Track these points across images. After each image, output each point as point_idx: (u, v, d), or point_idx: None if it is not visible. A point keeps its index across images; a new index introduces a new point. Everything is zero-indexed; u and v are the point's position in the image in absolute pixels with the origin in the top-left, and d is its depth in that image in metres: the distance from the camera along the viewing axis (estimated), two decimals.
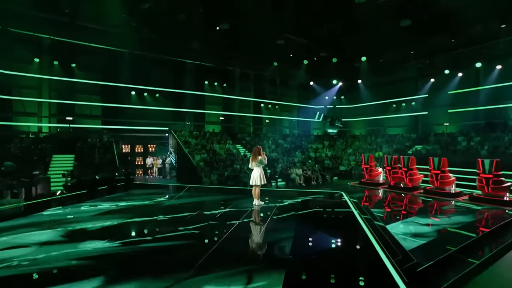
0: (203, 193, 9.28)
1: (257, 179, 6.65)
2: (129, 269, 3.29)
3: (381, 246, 4.26)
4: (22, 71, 14.38)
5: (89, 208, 6.65)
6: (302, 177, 14.68)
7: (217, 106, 21.51)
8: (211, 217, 5.80)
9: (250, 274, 3.18)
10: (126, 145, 17.49)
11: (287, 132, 23.67)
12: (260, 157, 6.72)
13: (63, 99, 15.68)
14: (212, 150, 15.91)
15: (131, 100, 17.70)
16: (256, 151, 6.84)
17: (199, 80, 19.99)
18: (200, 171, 13.14)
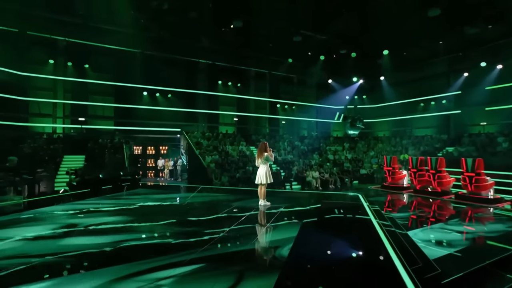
0: (211, 193, 9.21)
1: (263, 177, 6.42)
2: (106, 265, 3.23)
3: (396, 251, 3.79)
4: (38, 73, 14.97)
5: (81, 206, 6.71)
6: (318, 180, 14.27)
7: (231, 107, 21.44)
8: (211, 216, 5.63)
9: (240, 276, 3.02)
10: (137, 147, 17.73)
11: (305, 134, 23.24)
12: (266, 154, 6.51)
13: (77, 100, 16.16)
14: (225, 151, 15.85)
15: (143, 101, 17.95)
16: (262, 147, 6.64)
17: (212, 80, 20.02)
18: (211, 173, 13.10)
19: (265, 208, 6.24)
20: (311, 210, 6.50)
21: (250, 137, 18.76)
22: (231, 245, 3.92)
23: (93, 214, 5.85)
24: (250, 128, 21.23)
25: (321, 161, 16.84)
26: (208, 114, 20.00)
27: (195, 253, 3.53)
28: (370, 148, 19.81)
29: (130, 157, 15.01)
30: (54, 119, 15.96)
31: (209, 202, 7.76)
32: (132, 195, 8.43)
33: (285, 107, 22.85)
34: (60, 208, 6.58)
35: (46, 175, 9.07)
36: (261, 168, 6.50)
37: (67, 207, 6.73)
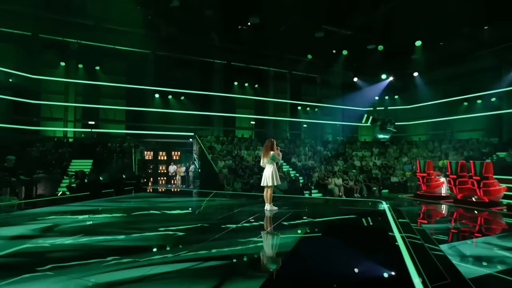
0: (217, 198, 9.13)
1: (269, 178, 6.12)
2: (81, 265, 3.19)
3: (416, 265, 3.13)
4: (49, 76, 15.59)
5: (70, 208, 6.77)
6: (342, 188, 13.57)
7: (249, 110, 21.24)
8: (206, 220, 5.42)
9: (222, 280, 2.81)
10: (148, 152, 17.92)
11: (329, 138, 22.56)
12: (273, 153, 6.19)
13: (88, 103, 16.67)
14: (239, 156, 15.66)
15: (154, 104, 18.14)
16: (268, 145, 6.33)
17: (228, 81, 19.93)
18: (223, 178, 12.92)
19: (271, 213, 5.92)
20: (321, 217, 6.07)
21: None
22: (220, 250, 3.64)
23: (71, 216, 5.92)
24: (268, 132, 20.77)
25: (346, 167, 16.19)
26: (224, 117, 19.90)
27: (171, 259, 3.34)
28: (402, 153, 18.68)
29: (139, 162, 15.02)
30: (65, 123, 16.52)
31: (209, 206, 7.49)
32: (128, 199, 8.34)
33: (307, 110, 22.37)
34: (45, 210, 6.61)
35: (44, 177, 9.13)
36: (267, 169, 6.21)
37: (53, 209, 6.74)
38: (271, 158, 6.19)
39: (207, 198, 8.86)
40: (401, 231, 4.68)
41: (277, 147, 6.38)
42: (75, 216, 5.84)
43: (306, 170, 15.28)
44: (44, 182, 9.12)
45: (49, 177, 9.38)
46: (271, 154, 6.18)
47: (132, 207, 6.99)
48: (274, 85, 21.60)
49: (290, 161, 16.34)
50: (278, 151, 6.37)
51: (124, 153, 14.66)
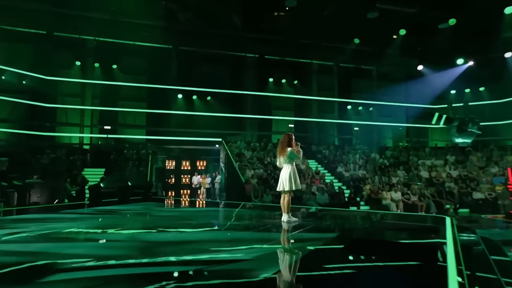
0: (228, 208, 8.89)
1: (286, 182, 5.70)
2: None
3: None
4: (64, 77, 16.25)
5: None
6: (401, 204, 12.03)
7: (287, 112, 20.55)
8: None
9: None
10: (170, 161, 17.80)
11: (389, 144, 20.91)
12: (290, 149, 5.76)
13: (105, 106, 17.16)
14: (272, 164, 14.84)
15: (177, 105, 18.17)
16: (284, 140, 5.94)
17: (262, 78, 19.56)
18: (250, 189, 12.42)
19: (289, 226, 5.43)
20: (349, 231, 5.63)
21: (310, 148, 17.29)
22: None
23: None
24: (312, 137, 19.95)
25: (409, 179, 14.64)
26: (258, 120, 19.39)
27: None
28: (491, 162, 16.17)
29: (157, 170, 14.99)
30: (82, 128, 17.02)
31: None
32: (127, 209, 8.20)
33: (359, 109, 21.02)
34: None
35: (39, 183, 9.14)
36: (284, 170, 5.80)
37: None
38: (288, 157, 5.76)
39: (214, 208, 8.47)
40: (460, 261, 3.22)
41: (296, 143, 6.00)
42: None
43: (355, 182, 14.19)
44: (39, 188, 9.11)
45: (44, 183, 9.38)
46: (288, 151, 5.76)
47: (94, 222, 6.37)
48: (317, 81, 20.79)
49: (335, 170, 15.34)
50: (298, 147, 5.98)
51: (141, 161, 14.72)
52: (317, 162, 16.38)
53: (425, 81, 20.30)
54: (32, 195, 8.79)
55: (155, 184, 14.50)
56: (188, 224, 5.96)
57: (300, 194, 12.09)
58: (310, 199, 11.99)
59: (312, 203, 11.62)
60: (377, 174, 14.84)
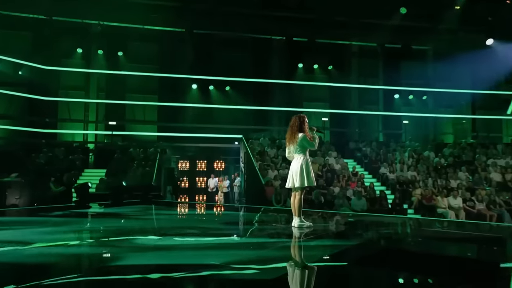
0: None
1: (297, 176, 5.37)
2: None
3: None
4: (66, 67, 16.45)
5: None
6: (462, 212, 11.28)
7: (321, 103, 19.78)
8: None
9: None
10: (184, 161, 17.50)
11: (448, 140, 19.56)
12: (302, 135, 5.40)
13: (112, 99, 17.14)
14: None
15: (190, 97, 17.86)
16: (294, 123, 5.55)
17: (290, 64, 18.93)
18: (271, 193, 11.98)
19: (300, 233, 5.23)
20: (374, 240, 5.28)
21: (347, 145, 16.87)
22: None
23: None
24: (351, 132, 19.28)
25: (474, 182, 13.53)
26: (286, 113, 18.28)
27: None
28: None
29: (166, 171, 14.54)
30: (86, 124, 17.08)
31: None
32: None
33: (409, 99, 19.78)
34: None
35: (17, 182, 8.91)
36: (295, 162, 5.47)
37: None
38: (299, 145, 5.39)
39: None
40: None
41: (312, 128, 5.67)
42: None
43: (402, 185, 13.23)
44: (18, 188, 8.88)
45: (24, 183, 9.17)
46: (299, 138, 5.38)
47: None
48: (358, 66, 19.94)
49: (377, 171, 14.47)
50: (313, 133, 5.62)
51: (148, 160, 14.56)
52: (356, 161, 15.71)
53: (496, 60, 18.41)
54: (9, 196, 8.51)
55: (163, 187, 14.18)
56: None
57: (331, 198, 11.58)
58: (343, 204, 11.26)
59: (346, 209, 10.93)
60: (431, 176, 13.85)
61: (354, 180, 13.03)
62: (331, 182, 12.89)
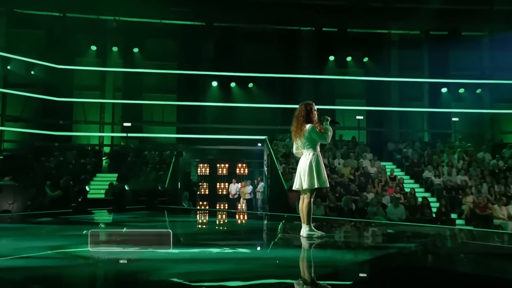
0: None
1: (305, 176, 5.05)
2: None
3: None
4: (80, 65, 16.78)
5: None
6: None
7: (356, 100, 19.31)
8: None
9: None
10: (204, 165, 17.48)
11: (510, 141, 18.07)
12: (310, 126, 5.07)
13: (128, 99, 17.36)
14: (329, 167, 14.14)
15: (210, 95, 17.81)
16: (300, 113, 5.21)
17: (320, 57, 18.53)
18: (295, 199, 11.37)
19: (309, 243, 4.95)
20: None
21: (385, 147, 16.52)
22: None
23: None
24: (391, 132, 18.72)
25: None
26: (317, 111, 18.12)
27: None
28: None
29: (182, 175, 14.72)
30: (101, 126, 17.41)
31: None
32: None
33: (460, 93, 18.76)
34: None
35: (10, 185, 8.88)
36: (303, 159, 5.16)
37: None
38: (307, 138, 5.06)
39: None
40: None
41: (325, 118, 5.25)
42: None
43: (450, 191, 12.62)
44: (11, 193, 8.79)
45: (18, 186, 9.14)
46: (307, 130, 5.03)
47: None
48: (398, 57, 19.31)
49: (420, 175, 13.94)
50: (326, 123, 5.18)
51: (164, 164, 14.64)
52: (395, 164, 15.17)
53: None
54: (1, 201, 8.47)
55: (179, 192, 14.24)
56: None
57: (364, 206, 11.21)
58: (377, 213, 10.72)
59: (380, 218, 10.44)
60: (486, 181, 13.08)
61: (392, 185, 12.56)
62: (365, 187, 12.56)
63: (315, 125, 5.02)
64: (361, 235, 6.69)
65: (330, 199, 11.65)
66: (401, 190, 12.18)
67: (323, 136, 5.01)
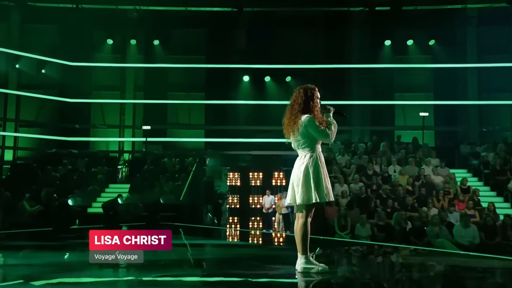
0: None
1: (299, 187, 4.56)
2: None
3: None
4: (97, 62, 17.11)
5: None
6: None
7: (420, 94, 18.62)
8: None
9: None
10: (235, 173, 17.06)
11: None
12: (307, 117, 4.50)
13: (151, 99, 17.61)
14: (382, 176, 13.89)
15: (241, 91, 17.61)
16: (296, 99, 4.65)
17: (373, 42, 18.12)
18: (333, 216, 11.60)
19: (304, 278, 4.56)
20: None
21: (457, 149, 15.71)
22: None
23: None
24: (465, 132, 17.87)
25: None
26: (371, 107, 18.11)
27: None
28: None
29: (206, 185, 14.50)
30: (121, 130, 17.66)
31: None
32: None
33: None
34: None
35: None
36: (297, 164, 4.65)
37: None
38: (302, 134, 4.54)
39: None
40: None
41: (328, 108, 4.72)
42: None
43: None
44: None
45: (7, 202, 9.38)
46: (303, 121, 4.49)
47: None
48: (477, 37, 18.37)
49: (503, 186, 13.07)
50: (329, 116, 4.68)
51: (185, 172, 14.48)
52: (470, 172, 14.37)
53: None
54: None
55: (204, 207, 14.16)
56: None
57: (422, 225, 10.32)
58: (439, 234, 9.84)
59: (444, 242, 9.53)
60: None
61: (464, 199, 11.72)
62: (425, 201, 11.82)
63: (314, 117, 4.34)
64: (397, 270, 5.64)
65: (379, 216, 11.01)
66: (475, 205, 11.40)
67: (325, 132, 4.32)
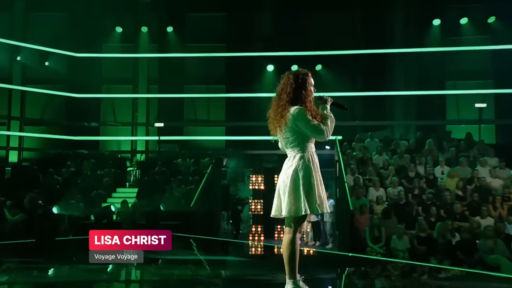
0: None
1: (285, 196, 4.05)
2: None
3: None
4: (105, 52, 17.25)
5: None
6: None
7: (476, 81, 17.59)
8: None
9: None
10: (258, 176, 16.43)
11: None
12: (297, 109, 4.01)
13: (166, 93, 17.57)
14: (428, 179, 13.24)
15: (264, 82, 17.12)
16: (285, 87, 4.11)
17: (420, 23, 17.52)
18: (364, 224, 11.37)
19: None
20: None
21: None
22: None
23: None
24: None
25: None
26: (418, 98, 17.51)
27: None
28: None
29: (220, 189, 14.20)
30: (134, 128, 17.65)
31: None
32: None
33: None
34: None
35: None
36: (284, 168, 4.15)
37: None
38: (291, 129, 4.08)
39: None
40: None
41: (327, 99, 4.23)
42: None
43: None
44: None
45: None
46: (292, 114, 3.98)
47: None
48: None
49: None
50: (326, 108, 4.23)
51: (199, 174, 14.12)
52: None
53: None
54: None
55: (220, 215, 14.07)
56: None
57: (473, 237, 9.78)
58: (495, 250, 9.11)
59: (499, 258, 8.87)
60: None
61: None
62: (478, 208, 10.98)
63: (306, 108, 3.90)
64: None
65: (420, 225, 10.31)
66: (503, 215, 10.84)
67: (318, 128, 3.83)
